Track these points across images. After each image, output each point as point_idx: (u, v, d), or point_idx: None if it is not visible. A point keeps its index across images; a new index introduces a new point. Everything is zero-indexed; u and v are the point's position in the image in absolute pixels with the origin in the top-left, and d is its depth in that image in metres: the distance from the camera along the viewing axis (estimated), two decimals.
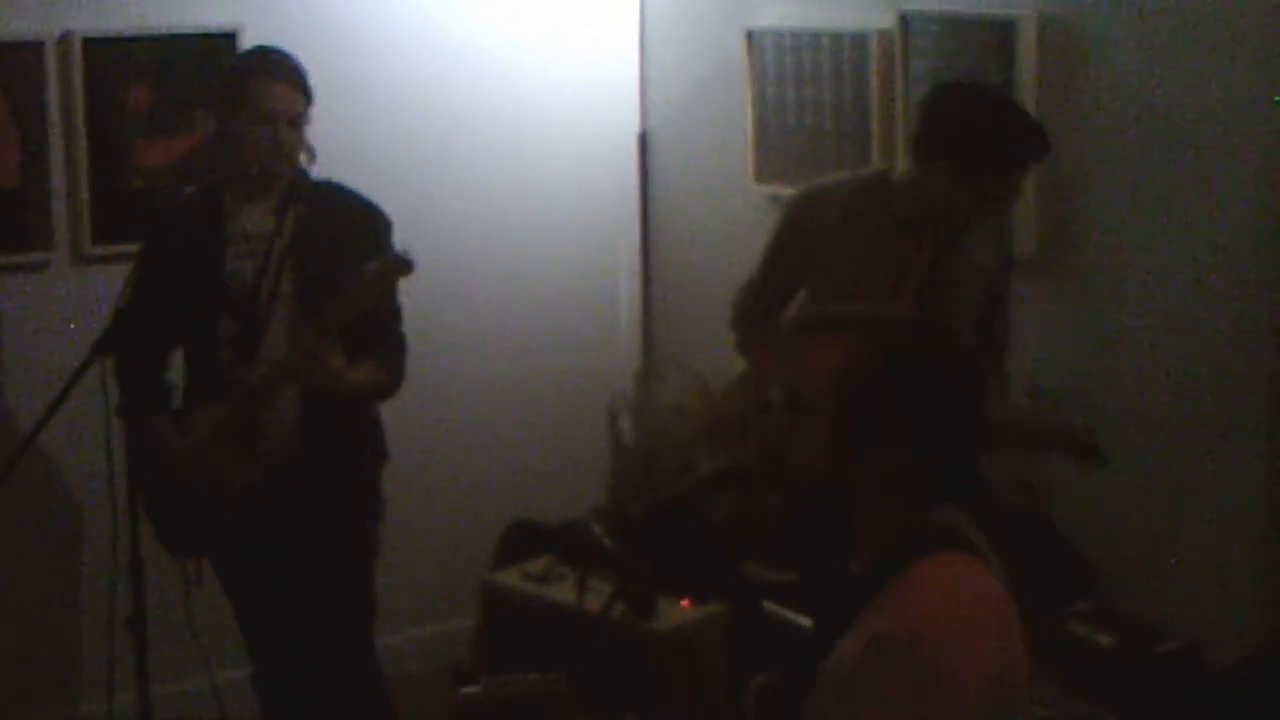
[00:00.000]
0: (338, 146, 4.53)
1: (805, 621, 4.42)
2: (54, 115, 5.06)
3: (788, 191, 5.48)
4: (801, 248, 4.22)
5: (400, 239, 4.38)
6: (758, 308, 4.34)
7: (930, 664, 2.31)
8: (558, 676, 2.59)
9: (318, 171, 4.40)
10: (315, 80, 4.38)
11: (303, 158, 4.36)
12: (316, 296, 4.20)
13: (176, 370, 4.47)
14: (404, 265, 4.09)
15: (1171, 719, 4.16)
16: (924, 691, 2.30)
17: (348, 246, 4.27)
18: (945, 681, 2.31)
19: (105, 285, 4.57)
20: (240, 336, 4.29)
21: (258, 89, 4.25)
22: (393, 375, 4.35)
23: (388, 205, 4.42)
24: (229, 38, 5.18)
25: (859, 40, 5.12)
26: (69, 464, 5.10)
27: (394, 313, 4.34)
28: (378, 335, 4.27)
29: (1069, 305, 4.67)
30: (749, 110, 5.58)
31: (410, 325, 4.40)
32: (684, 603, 4.82)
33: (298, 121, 4.27)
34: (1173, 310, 4.42)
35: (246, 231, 4.32)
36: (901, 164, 4.29)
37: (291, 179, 4.32)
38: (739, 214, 5.75)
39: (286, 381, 4.20)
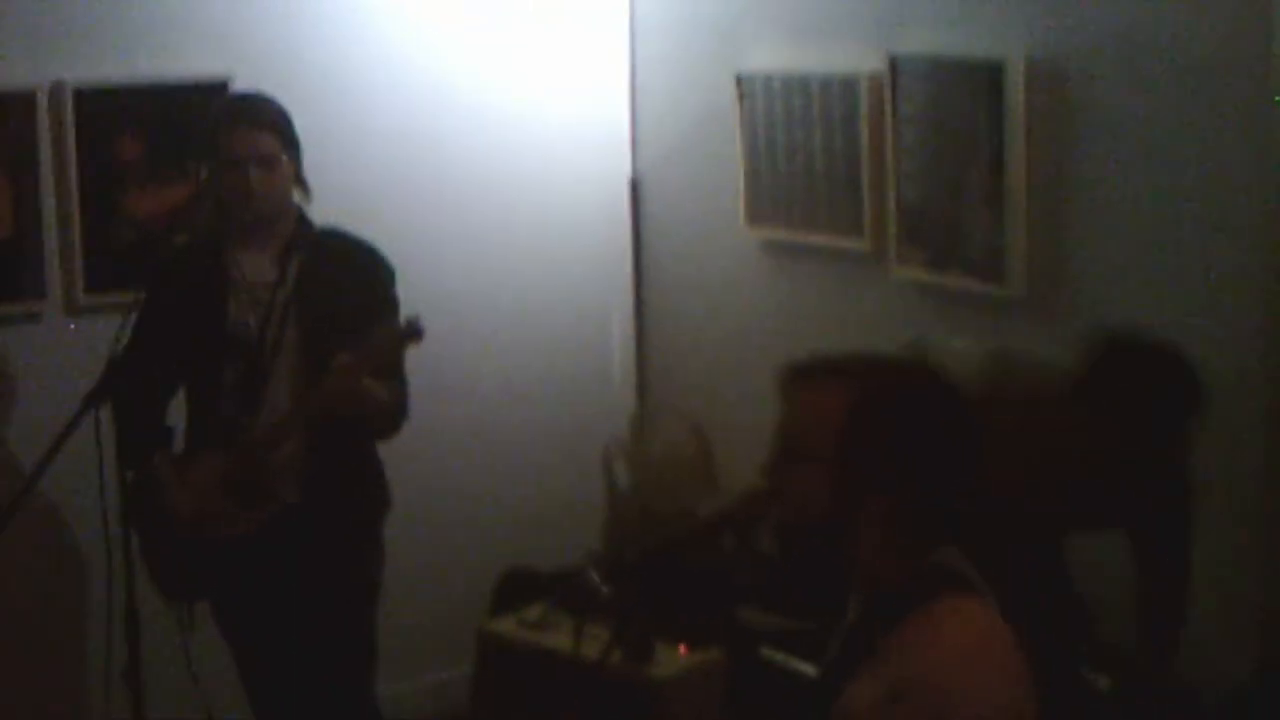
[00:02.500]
0: (329, 193, 4.54)
1: (804, 666, 4.41)
2: (46, 165, 5.07)
3: (779, 234, 5.51)
4: None
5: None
6: None
7: (951, 714, 2.31)
8: None
9: (311, 217, 4.41)
10: (306, 127, 4.39)
11: (297, 195, 4.37)
12: (320, 345, 4.21)
13: (176, 415, 4.47)
14: (415, 333, 4.13)
15: None
16: None
17: (351, 295, 4.30)
18: None
19: (98, 335, 4.56)
20: (243, 384, 4.30)
21: (226, 135, 4.29)
22: (401, 404, 4.37)
23: None
24: (220, 87, 5.18)
25: (848, 83, 5.13)
26: (64, 515, 5.09)
27: (397, 360, 4.34)
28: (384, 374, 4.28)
29: (1058, 346, 4.67)
30: (740, 154, 5.59)
31: (406, 370, 4.40)
32: (682, 649, 4.80)
33: (269, 163, 4.27)
34: None
35: (249, 280, 4.34)
36: None
37: (294, 227, 4.35)
38: (731, 257, 5.76)
39: (313, 412, 4.20)
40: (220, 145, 4.29)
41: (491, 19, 5.83)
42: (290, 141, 4.33)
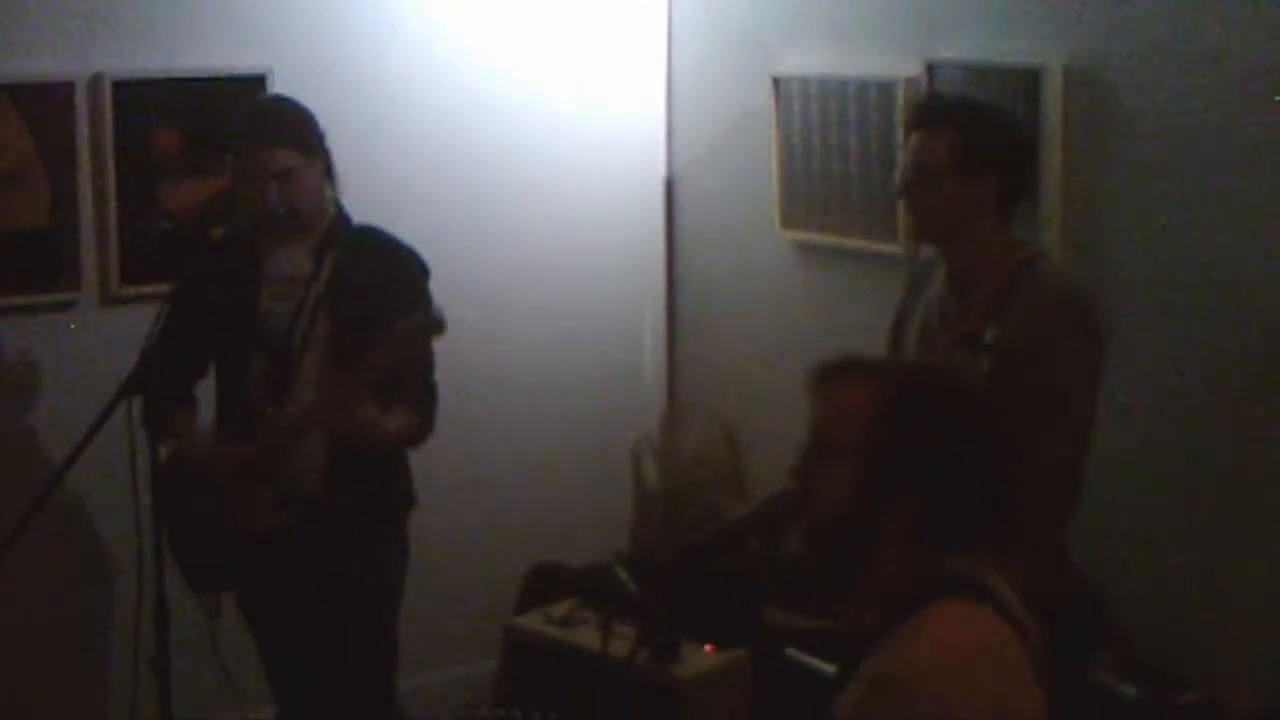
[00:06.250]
0: (364, 188, 4.55)
1: (828, 667, 4.41)
2: (83, 156, 5.08)
3: (813, 237, 5.51)
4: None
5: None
6: None
7: (921, 710, 2.31)
8: None
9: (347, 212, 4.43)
10: (342, 122, 4.40)
11: (326, 192, 4.38)
12: (350, 341, 4.22)
13: (206, 410, 4.50)
14: (436, 324, 4.10)
15: None
16: None
17: (384, 292, 4.30)
18: None
19: (133, 325, 4.58)
20: (271, 377, 4.32)
21: (245, 151, 4.30)
22: (424, 423, 4.36)
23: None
24: (259, 80, 5.20)
25: (885, 88, 5.13)
26: (96, 503, 5.11)
27: (427, 363, 4.35)
28: (410, 383, 4.27)
29: None
30: (775, 156, 5.60)
31: (436, 368, 4.40)
32: (708, 649, 4.80)
33: (291, 175, 4.26)
34: (1199, 355, 4.42)
35: (284, 273, 4.35)
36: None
37: (330, 222, 4.36)
38: (764, 259, 5.76)
39: (314, 427, 4.21)
40: (241, 158, 4.31)
41: (529, 19, 5.84)
42: (312, 147, 4.32)
